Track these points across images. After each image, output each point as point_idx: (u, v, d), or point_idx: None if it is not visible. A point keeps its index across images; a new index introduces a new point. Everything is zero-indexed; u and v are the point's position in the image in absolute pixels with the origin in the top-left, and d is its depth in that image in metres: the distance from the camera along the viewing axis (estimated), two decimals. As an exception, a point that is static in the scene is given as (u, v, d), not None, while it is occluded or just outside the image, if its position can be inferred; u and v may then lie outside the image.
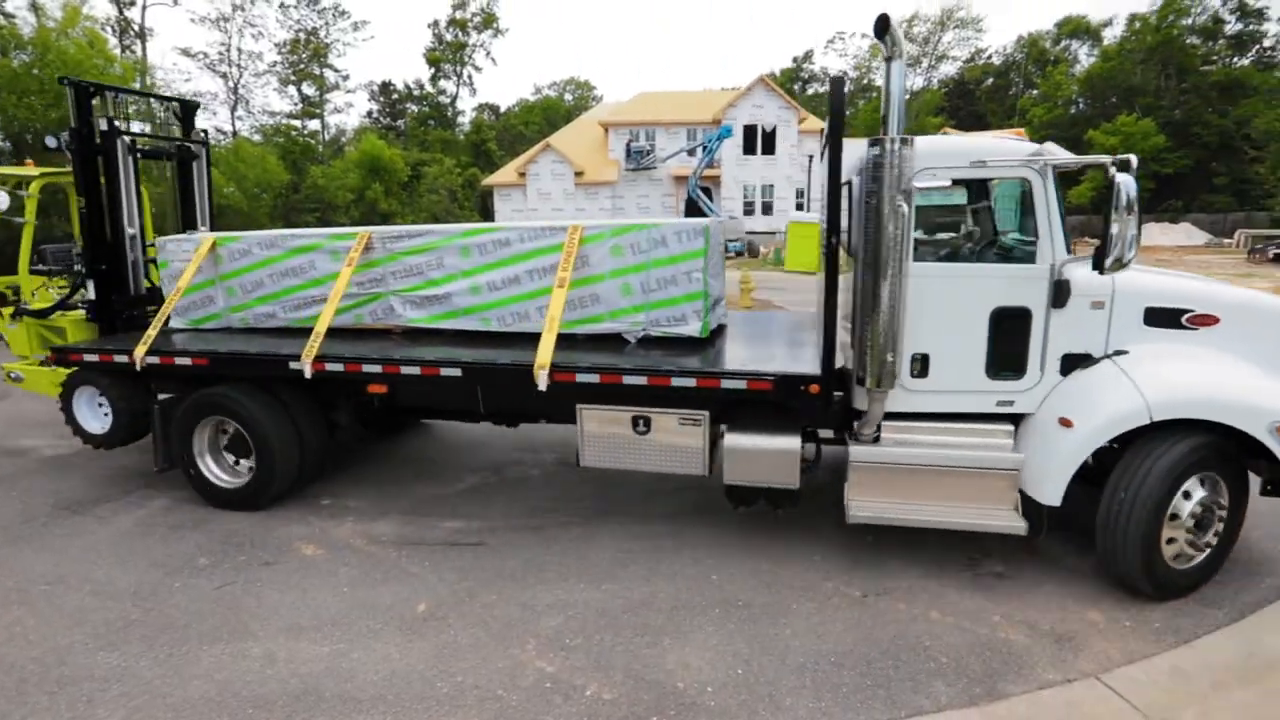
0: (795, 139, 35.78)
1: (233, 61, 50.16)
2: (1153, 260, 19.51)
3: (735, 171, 35.89)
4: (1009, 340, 4.13)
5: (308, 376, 5.02)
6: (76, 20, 22.42)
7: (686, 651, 3.66)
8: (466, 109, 64.50)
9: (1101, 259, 3.82)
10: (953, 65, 64.35)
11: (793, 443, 4.43)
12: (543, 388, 4.48)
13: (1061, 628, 3.81)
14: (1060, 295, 4.05)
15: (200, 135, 7.11)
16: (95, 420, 5.81)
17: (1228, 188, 45.63)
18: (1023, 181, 4.17)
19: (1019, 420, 4.27)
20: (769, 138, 35.80)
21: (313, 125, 56.14)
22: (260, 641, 3.79)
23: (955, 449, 4.26)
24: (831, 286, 4.19)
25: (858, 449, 4.35)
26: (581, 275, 5.01)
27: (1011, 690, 3.33)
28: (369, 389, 5.27)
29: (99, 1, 40.83)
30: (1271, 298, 4.38)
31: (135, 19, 43.08)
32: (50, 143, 5.99)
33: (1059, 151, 4.23)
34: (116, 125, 6.05)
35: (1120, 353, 4.12)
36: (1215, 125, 45.58)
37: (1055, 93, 54.99)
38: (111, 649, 3.74)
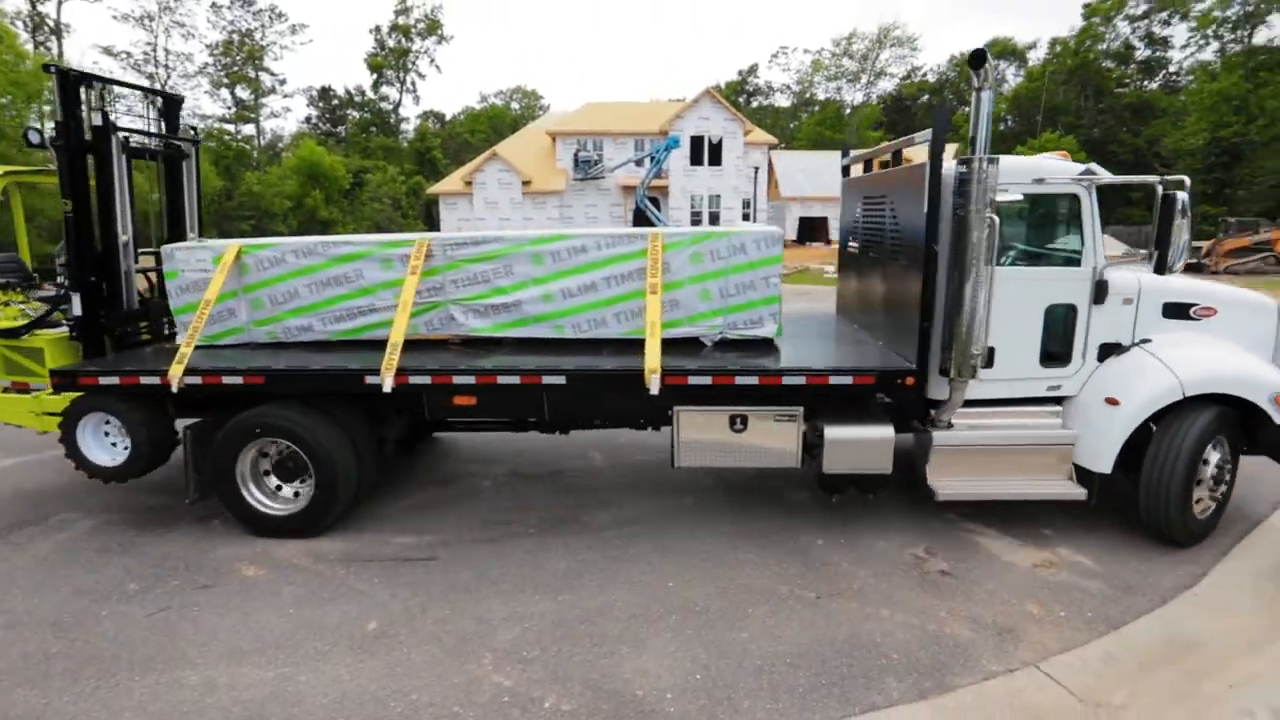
0: (741, 150, 36.45)
1: (159, 62, 48.04)
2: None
3: (683, 182, 36.31)
4: (1059, 333, 4.82)
5: (387, 391, 4.71)
6: (-18, 12, 21.08)
7: (645, 659, 3.66)
8: (410, 116, 63.45)
9: (1164, 263, 4.60)
10: (890, 81, 66.94)
11: (888, 431, 4.81)
12: (655, 392, 4.56)
13: (1003, 621, 3.98)
14: (1100, 293, 4.77)
15: (190, 133, 6.46)
16: (103, 451, 5.15)
17: (1142, 201, 48.71)
18: (1072, 197, 4.80)
19: (1061, 402, 4.93)
20: (715, 149, 36.37)
21: (247, 130, 54.20)
22: (198, 669, 3.61)
23: (1020, 429, 4.90)
24: (929, 289, 4.63)
25: (940, 434, 4.84)
26: (664, 281, 5.11)
27: (958, 682, 3.46)
28: (454, 400, 5.04)
29: (11, -5, 38.52)
30: (1249, 292, 5.28)
31: (50, 14, 40.85)
32: (33, 138, 5.31)
33: (1103, 172, 4.88)
34: (112, 121, 5.38)
35: (1145, 341, 4.88)
36: (1130, 143, 48.69)
37: (985, 110, 57.67)
38: (30, 685, 3.49)
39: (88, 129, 5.33)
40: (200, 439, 5.03)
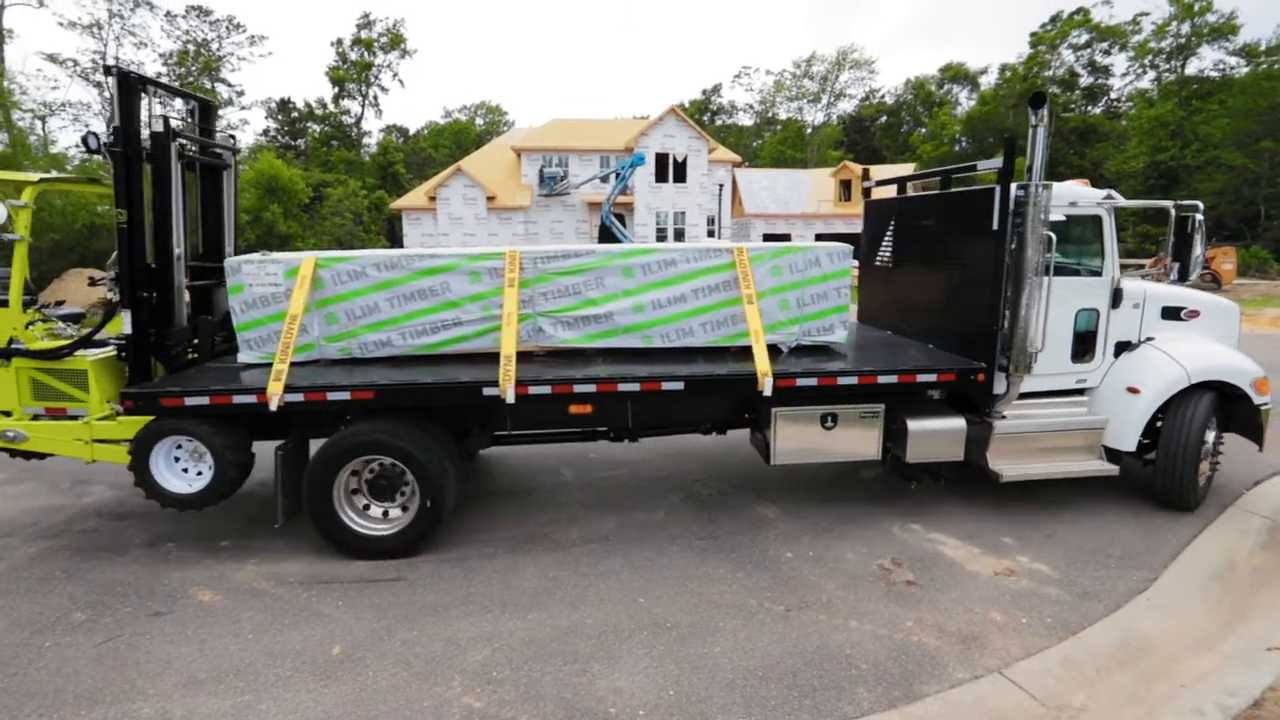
0: (706, 168, 36.90)
1: (109, 71, 46.69)
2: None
3: (648, 199, 36.58)
4: (1086, 333, 5.62)
5: (510, 401, 4.76)
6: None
7: (617, 676, 3.63)
8: (373, 130, 62.80)
9: (1185, 273, 5.60)
10: (850, 103, 68.70)
11: (960, 423, 5.42)
12: (768, 393, 4.95)
13: (968, 629, 4.06)
14: (1117, 299, 5.62)
15: (230, 141, 6.12)
16: (175, 477, 4.90)
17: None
18: (1096, 218, 5.58)
19: (1084, 394, 5.76)
20: (680, 166, 36.75)
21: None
22: (151, 700, 3.46)
23: (1059, 417, 5.64)
24: (1000, 297, 5.20)
25: (1002, 423, 5.46)
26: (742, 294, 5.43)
27: (926, 691, 3.51)
28: (570, 409, 5.22)
29: (-50, 0, 37.09)
30: (1220, 298, 6.24)
31: (-8, 20, 39.38)
32: (92, 143, 4.91)
33: (1119, 197, 5.66)
34: (172, 127, 5.10)
35: (1149, 339, 5.76)
36: (1076, 165, 50.70)
37: (941, 131, 59.73)
38: (-32, 721, 3.31)
39: (147, 135, 5.03)
40: (290, 460, 4.91)
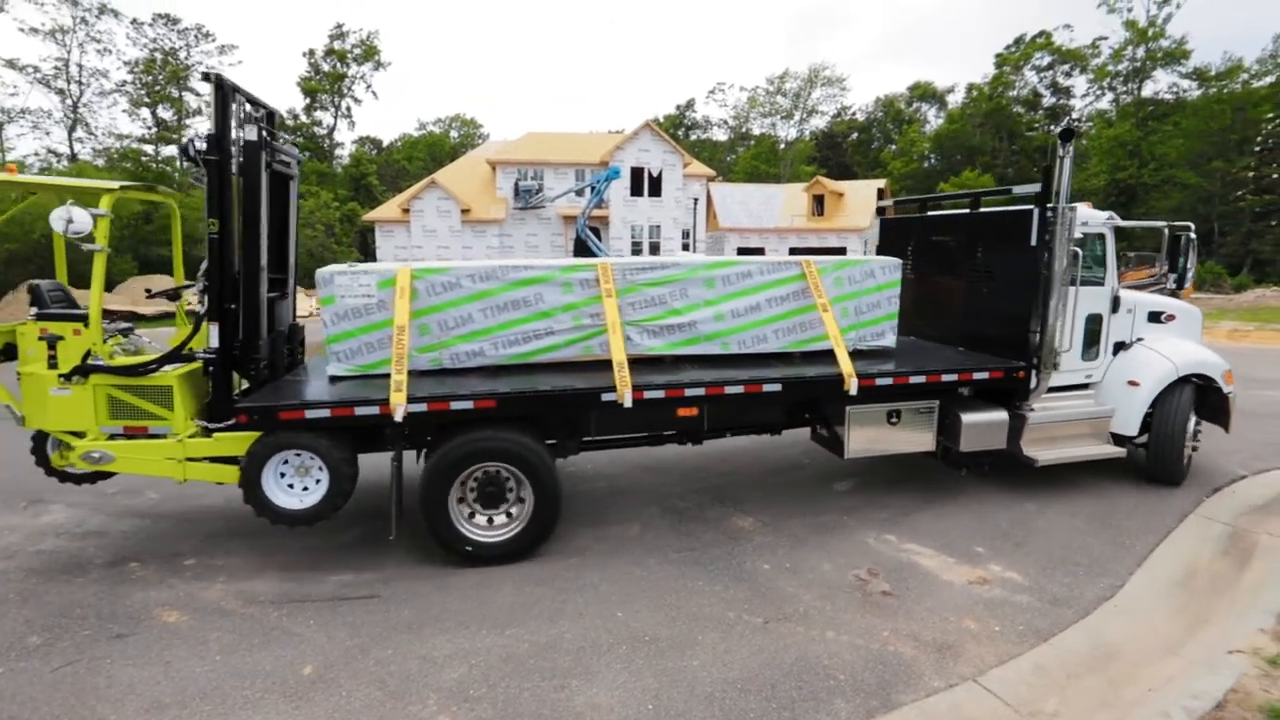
0: (680, 182, 37.20)
1: (72, 78, 45.61)
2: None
3: (623, 212, 36.73)
4: (1093, 334, 6.45)
5: (628, 405, 4.95)
6: None
7: (595, 692, 3.60)
8: (345, 142, 62.16)
9: (1182, 283, 6.84)
10: (822, 119, 69.93)
11: (1004, 415, 6.07)
12: (854, 392, 5.40)
13: (942, 638, 4.11)
14: (1116, 305, 6.53)
15: (294, 151, 5.95)
16: (283, 493, 4.80)
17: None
18: (1100, 235, 6.39)
19: (1088, 388, 6.60)
20: (655, 180, 36.99)
21: (167, 151, 51.86)
22: (113, 726, 3.34)
23: (1078, 408, 6.46)
24: (1038, 304, 5.85)
25: (1034, 414, 6.14)
26: (810, 303, 5.85)
27: (903, 700, 3.54)
28: (678, 412, 5.48)
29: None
30: (1187, 303, 7.07)
31: (-49, 26, 38.27)
32: (192, 150, 4.73)
33: (1117, 219, 6.57)
34: (265, 136, 4.98)
35: (1139, 339, 6.67)
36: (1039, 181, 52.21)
37: (910, 148, 61.06)
38: (-84, 753, 3.16)
39: (240, 144, 4.88)
40: (402, 470, 4.95)
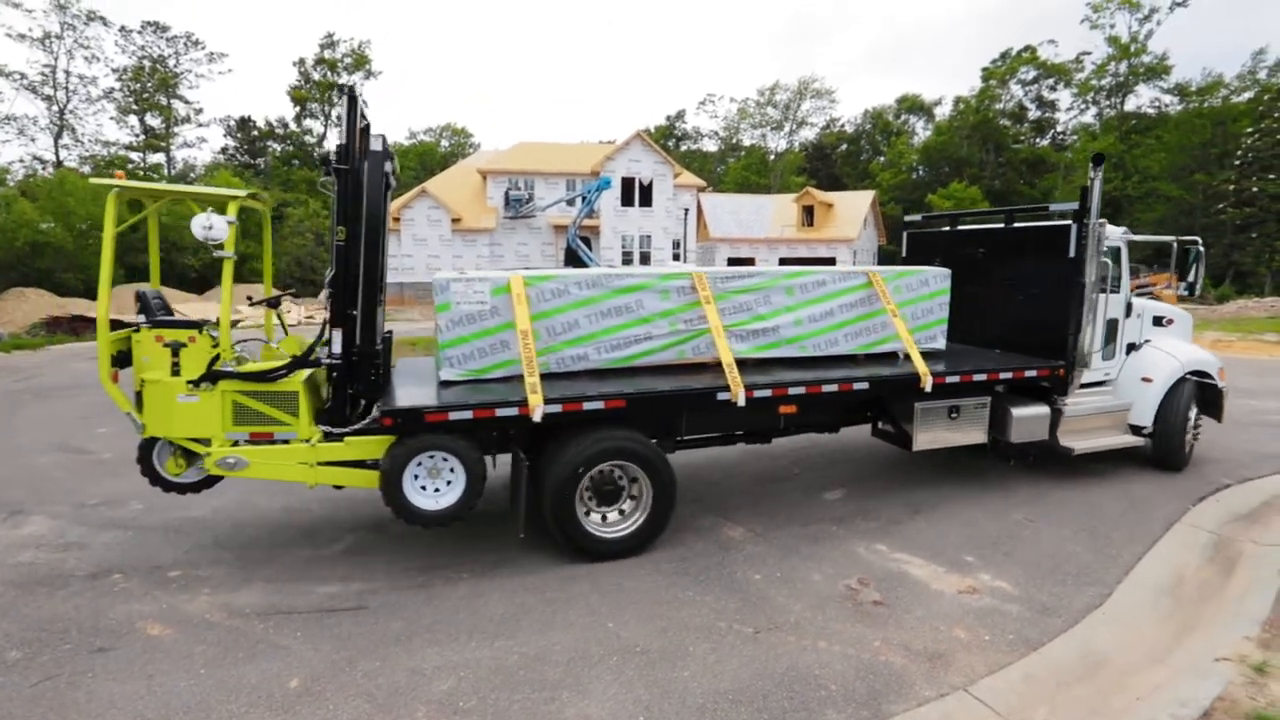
0: (671, 192, 37.37)
1: (59, 84, 45.27)
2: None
3: (614, 222, 36.84)
4: (1111, 336, 7.20)
5: (741, 404, 5.27)
6: None
7: (586, 704, 3.58)
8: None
9: (1193, 291, 7.64)
10: (812, 130, 70.55)
11: (1046, 409, 6.75)
12: (929, 390, 5.97)
13: (933, 647, 4.11)
14: (1129, 310, 7.39)
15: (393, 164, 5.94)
16: (417, 494, 4.86)
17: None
18: (1117, 248, 7.13)
19: (1105, 385, 7.34)
20: (646, 190, 37.16)
21: (154, 159, 51.50)
22: (93, 741, 3.28)
23: (1102, 402, 7.20)
24: (1076, 307, 6.52)
25: (1070, 408, 6.82)
26: (875, 309, 6.37)
27: (894, 710, 3.54)
28: (780, 410, 5.94)
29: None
30: (1180, 309, 8.00)
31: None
32: (332, 159, 4.79)
33: (1131, 234, 7.38)
34: (388, 146, 5.08)
35: (1147, 341, 7.53)
36: (1026, 194, 52.87)
37: (899, 160, 61.71)
38: (-110, 770, 3.09)
39: (368, 152, 4.94)
40: (534, 471, 5.11)
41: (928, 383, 5.92)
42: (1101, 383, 7.28)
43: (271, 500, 6.55)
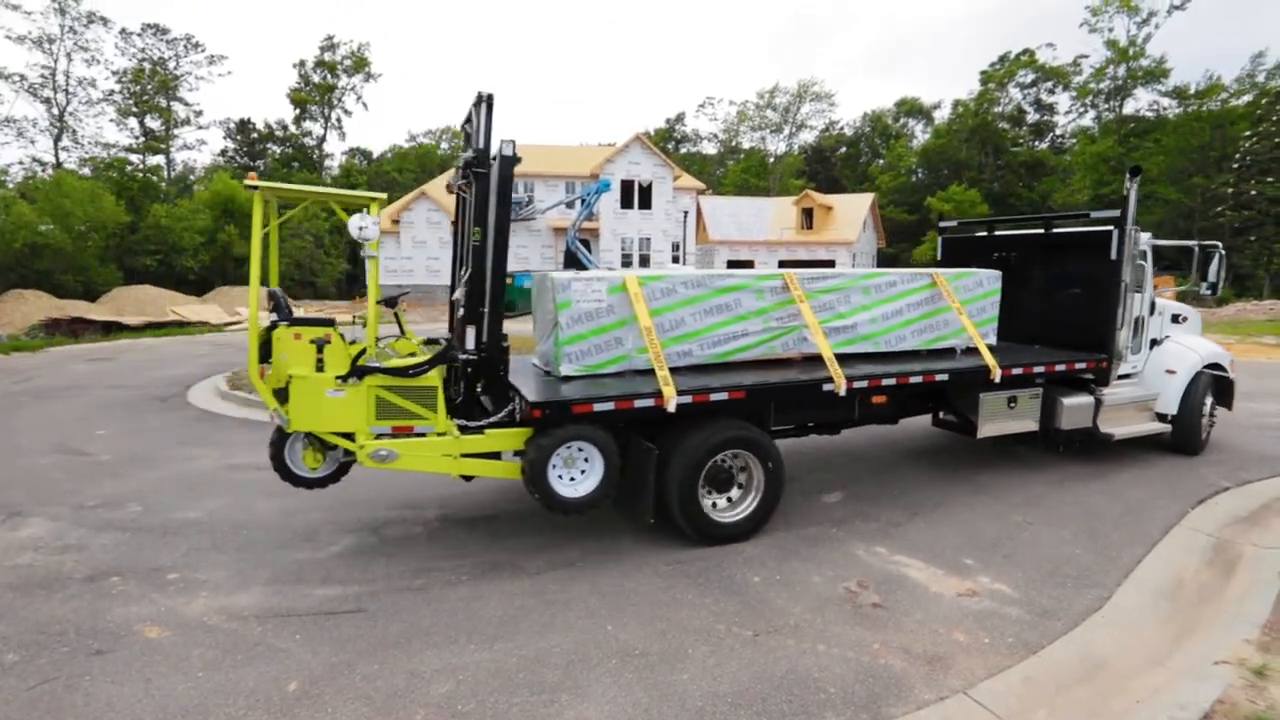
0: (670, 195, 37.43)
1: (59, 87, 45.32)
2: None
3: (614, 224, 36.88)
4: (1138, 332, 7.78)
5: (842, 394, 5.71)
6: None
7: (585, 706, 3.57)
8: (335, 152, 62.09)
9: (1215, 291, 8.24)
10: (811, 133, 70.67)
11: (1091, 398, 7.32)
12: (997, 380, 6.48)
13: (933, 650, 4.11)
14: (1152, 308, 7.99)
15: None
16: (558, 484, 5.04)
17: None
18: (1144, 251, 7.68)
19: (1132, 376, 7.90)
20: (645, 193, 37.22)
21: (154, 160, 51.52)
22: (91, 744, 3.27)
23: (1134, 392, 7.78)
24: (1116, 305, 7.20)
25: (1109, 398, 7.41)
26: (937, 308, 6.80)
27: (894, 713, 3.53)
28: (873, 400, 6.37)
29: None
30: (1191, 308, 8.59)
31: (-66, 33, 37.96)
32: (472, 163, 5.02)
33: (1157, 240, 7.93)
34: (517, 150, 5.25)
35: (1167, 337, 8.15)
36: (1025, 197, 53.00)
37: (898, 163, 61.78)
38: (-114, 774, 3.08)
39: (499, 156, 5.13)
40: (661, 459, 5.26)
41: (997, 374, 6.40)
42: (1129, 375, 7.79)
43: (269, 503, 6.54)
